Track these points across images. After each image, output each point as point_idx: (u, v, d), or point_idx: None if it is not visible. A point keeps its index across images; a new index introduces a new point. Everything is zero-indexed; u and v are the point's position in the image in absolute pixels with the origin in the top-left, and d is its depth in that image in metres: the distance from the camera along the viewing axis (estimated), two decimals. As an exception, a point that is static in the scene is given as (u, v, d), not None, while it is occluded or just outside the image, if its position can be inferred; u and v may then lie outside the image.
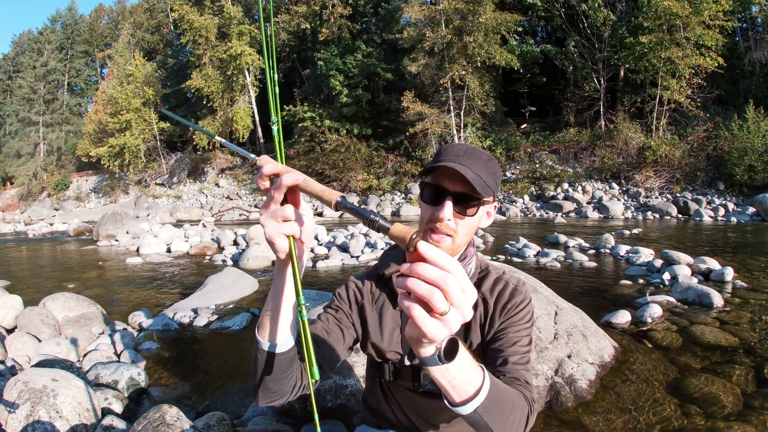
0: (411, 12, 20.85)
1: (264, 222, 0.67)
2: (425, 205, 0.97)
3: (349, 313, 1.08)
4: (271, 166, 0.66)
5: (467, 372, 0.68)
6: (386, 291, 1.09)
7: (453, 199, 0.92)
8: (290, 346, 0.81)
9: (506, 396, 0.79)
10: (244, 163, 27.37)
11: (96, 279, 6.16)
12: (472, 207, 0.93)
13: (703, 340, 2.85)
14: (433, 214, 0.93)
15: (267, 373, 0.82)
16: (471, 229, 0.97)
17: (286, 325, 0.79)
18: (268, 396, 0.87)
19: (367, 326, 1.08)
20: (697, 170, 15.65)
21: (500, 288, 1.06)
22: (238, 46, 23.75)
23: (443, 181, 0.93)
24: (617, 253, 6.34)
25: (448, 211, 0.91)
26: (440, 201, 0.93)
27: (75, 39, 39.42)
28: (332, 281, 5.41)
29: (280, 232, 0.67)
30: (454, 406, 0.70)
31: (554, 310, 2.76)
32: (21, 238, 13.91)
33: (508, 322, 1.02)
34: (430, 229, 0.95)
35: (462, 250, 1.02)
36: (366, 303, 1.09)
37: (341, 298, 1.10)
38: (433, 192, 0.94)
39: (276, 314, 0.77)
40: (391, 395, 1.12)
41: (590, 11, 19.15)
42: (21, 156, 37.05)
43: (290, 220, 0.67)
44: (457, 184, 0.92)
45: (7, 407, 1.85)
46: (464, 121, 19.69)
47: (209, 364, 3.05)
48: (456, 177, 0.91)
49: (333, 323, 1.05)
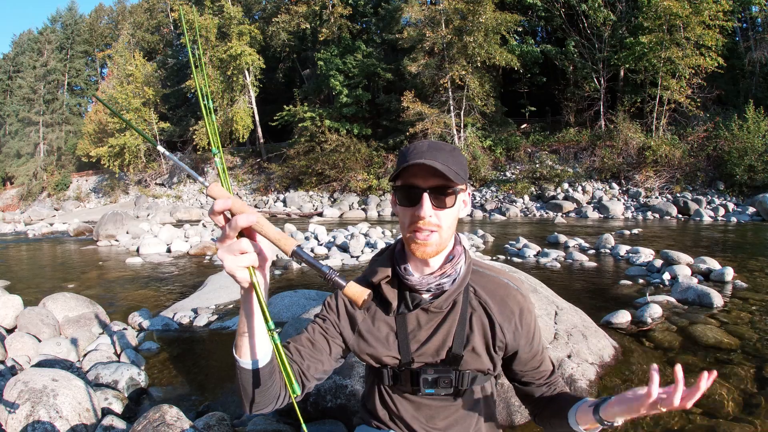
0: (411, 12, 20.84)
1: (222, 257, 0.70)
2: (403, 208, 0.96)
3: (337, 323, 1.07)
4: (221, 203, 0.67)
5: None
6: (377, 298, 1.08)
7: (429, 194, 0.92)
8: (268, 359, 0.87)
9: None
10: (244, 164, 27.40)
11: (96, 279, 6.16)
12: (449, 197, 0.93)
13: (703, 340, 2.85)
14: (413, 214, 0.93)
15: (251, 388, 0.88)
16: (453, 220, 0.97)
17: (262, 342, 0.85)
18: (255, 406, 0.92)
19: (361, 334, 1.07)
20: (697, 170, 15.64)
21: (501, 294, 1.05)
22: (238, 46, 23.76)
23: (415, 180, 0.93)
24: (617, 253, 6.33)
25: (428, 207, 0.91)
26: (417, 199, 0.92)
27: (75, 39, 39.40)
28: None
29: (239, 265, 0.70)
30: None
31: (554, 310, 2.76)
32: (21, 238, 13.91)
33: (522, 333, 1.05)
34: (413, 231, 0.94)
35: (449, 245, 1.01)
36: (356, 311, 1.08)
37: (330, 308, 1.10)
38: (408, 193, 0.94)
39: (251, 335, 0.83)
40: (389, 399, 1.12)
41: (590, 11, 19.14)
42: (21, 156, 37.05)
43: (247, 252, 0.70)
44: (429, 178, 0.92)
45: (7, 407, 1.85)
46: (464, 121, 19.69)
47: (209, 364, 3.05)
48: (426, 172, 0.91)
49: (318, 333, 1.05)
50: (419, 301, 1.03)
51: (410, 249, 0.97)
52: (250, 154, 28.00)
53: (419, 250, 0.94)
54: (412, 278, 1.01)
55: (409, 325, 1.04)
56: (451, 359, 1.02)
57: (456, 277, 1.02)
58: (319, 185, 22.15)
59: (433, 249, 0.95)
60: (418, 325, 1.04)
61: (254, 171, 26.49)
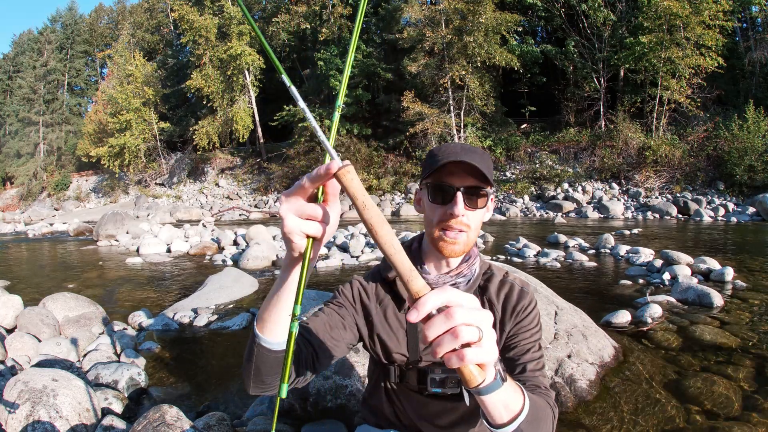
0: (411, 12, 20.84)
1: (284, 214, 0.59)
2: (433, 205, 0.95)
3: (353, 312, 1.06)
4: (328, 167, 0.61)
5: (509, 401, 0.68)
6: (390, 293, 1.08)
7: (463, 193, 0.92)
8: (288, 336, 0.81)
9: (540, 407, 0.80)
10: (244, 163, 27.39)
11: (96, 279, 6.16)
12: (481, 198, 0.94)
13: (703, 340, 2.85)
14: (445, 212, 0.93)
15: (262, 366, 0.81)
16: (480, 222, 0.97)
17: (285, 323, 0.76)
18: (260, 387, 0.86)
19: (373, 326, 1.07)
20: (697, 170, 15.64)
21: (506, 291, 1.05)
22: (238, 46, 23.75)
23: (450, 179, 0.93)
24: (617, 253, 6.33)
25: (461, 205, 0.92)
26: (450, 198, 0.93)
27: (75, 39, 39.39)
28: (332, 281, 5.41)
29: (302, 230, 0.60)
30: (499, 427, 0.70)
31: (554, 310, 2.76)
32: (21, 238, 13.91)
33: (518, 327, 1.02)
34: (443, 229, 0.94)
35: (472, 247, 1.01)
36: (371, 303, 1.08)
37: (345, 296, 1.08)
38: (441, 190, 0.94)
39: (278, 312, 0.74)
40: (395, 397, 1.12)
41: (590, 11, 19.13)
42: (21, 156, 37.05)
43: (314, 219, 0.61)
44: (465, 178, 0.93)
45: (7, 407, 1.85)
46: (464, 121, 19.67)
47: (209, 364, 3.05)
48: (463, 171, 0.92)
49: (337, 320, 1.03)
50: None
51: (437, 247, 0.96)
52: (250, 154, 28.00)
53: (447, 248, 0.94)
54: (428, 277, 1.01)
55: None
56: None
57: (471, 277, 1.03)
58: (319, 185, 22.13)
59: (461, 248, 0.95)
60: None
61: (254, 171, 26.48)
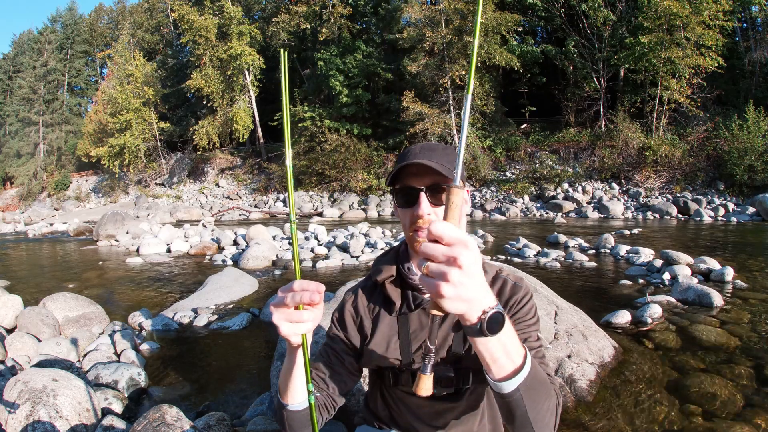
0: (411, 12, 20.84)
1: (277, 323, 0.72)
2: (402, 210, 0.98)
3: (347, 339, 1.09)
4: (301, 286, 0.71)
5: (510, 348, 0.70)
6: (380, 298, 1.09)
7: (426, 193, 0.94)
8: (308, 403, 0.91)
9: (544, 379, 0.81)
10: (244, 163, 27.40)
11: (96, 279, 6.16)
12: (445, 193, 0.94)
13: (703, 340, 2.85)
14: (413, 214, 0.95)
15: (293, 424, 0.95)
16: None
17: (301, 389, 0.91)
18: None
19: (366, 337, 1.08)
20: (697, 170, 15.63)
21: (499, 285, 1.04)
22: (238, 46, 23.76)
23: (411, 181, 0.95)
24: (617, 253, 6.33)
25: (425, 205, 0.93)
26: (414, 200, 0.94)
27: (75, 39, 39.39)
28: (332, 281, 5.41)
29: (295, 332, 0.73)
30: (497, 382, 0.73)
31: (554, 310, 2.76)
32: (21, 238, 13.91)
33: (514, 319, 1.00)
34: (414, 231, 0.96)
35: None
36: (364, 318, 1.09)
37: (337, 325, 1.12)
38: (405, 194, 0.96)
39: (293, 383, 0.90)
40: (391, 399, 1.12)
41: (590, 11, 19.12)
42: (21, 156, 37.07)
43: (304, 321, 0.73)
44: (424, 177, 0.94)
45: (7, 407, 1.85)
46: (464, 121, 19.67)
47: (209, 364, 3.05)
48: (420, 171, 0.93)
49: (333, 357, 1.09)
50: (420, 301, 1.03)
51: (413, 249, 0.99)
52: (250, 154, 28.02)
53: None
54: (415, 278, 1.02)
55: (411, 325, 1.05)
56: (451, 359, 1.02)
57: None
58: (319, 185, 22.16)
59: None
60: (420, 326, 1.04)
61: (254, 171, 26.50)
